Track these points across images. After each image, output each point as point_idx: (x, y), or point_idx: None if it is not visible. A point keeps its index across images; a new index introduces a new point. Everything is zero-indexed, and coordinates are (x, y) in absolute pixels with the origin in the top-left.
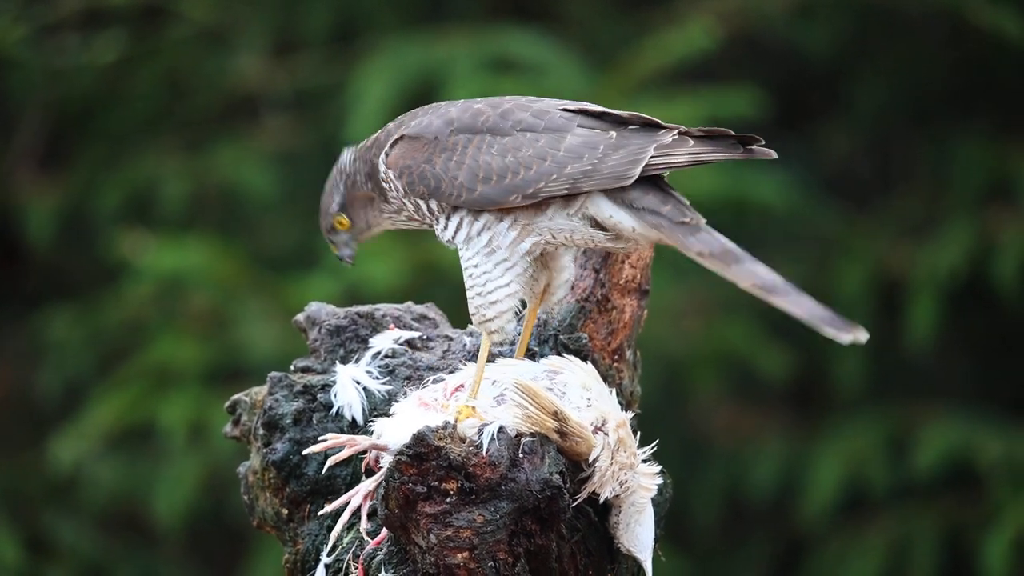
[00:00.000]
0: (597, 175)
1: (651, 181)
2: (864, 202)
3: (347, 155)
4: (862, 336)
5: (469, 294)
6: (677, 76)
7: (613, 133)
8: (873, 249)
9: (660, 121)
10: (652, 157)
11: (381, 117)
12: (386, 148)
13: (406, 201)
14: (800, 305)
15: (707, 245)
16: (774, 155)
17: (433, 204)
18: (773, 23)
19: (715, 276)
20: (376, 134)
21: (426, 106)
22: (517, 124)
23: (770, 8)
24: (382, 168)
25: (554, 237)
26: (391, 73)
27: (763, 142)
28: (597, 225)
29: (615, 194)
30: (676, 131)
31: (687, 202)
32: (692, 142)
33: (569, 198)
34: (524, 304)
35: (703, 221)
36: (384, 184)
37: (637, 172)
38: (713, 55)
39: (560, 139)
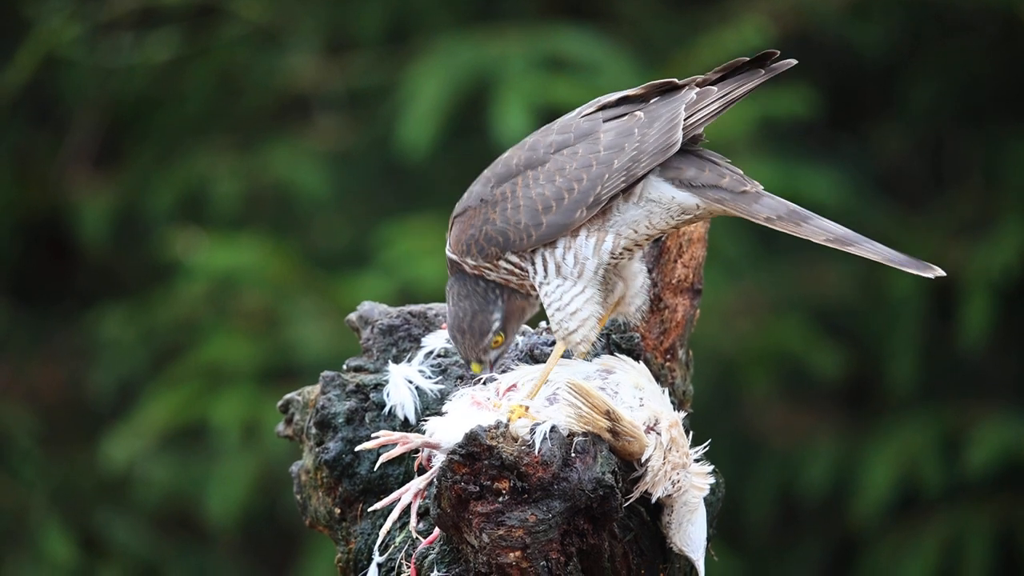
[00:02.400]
0: (645, 156)
1: (701, 157)
2: (917, 201)
3: (473, 279)
4: (939, 271)
5: (549, 311)
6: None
7: (639, 112)
8: (926, 248)
9: (675, 80)
10: (686, 117)
11: (434, 117)
12: (448, 241)
13: (504, 275)
14: (877, 251)
15: (773, 210)
16: (793, 62)
17: (514, 259)
18: (826, 22)
19: (767, 275)
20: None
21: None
22: (548, 148)
23: (823, 7)
24: (455, 258)
25: (635, 231)
26: (444, 73)
27: (777, 53)
28: (663, 207)
29: (671, 174)
30: (694, 84)
31: (741, 171)
32: (715, 89)
33: (628, 190)
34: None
35: (762, 187)
36: (487, 275)
37: (679, 136)
38: None
39: (595, 141)
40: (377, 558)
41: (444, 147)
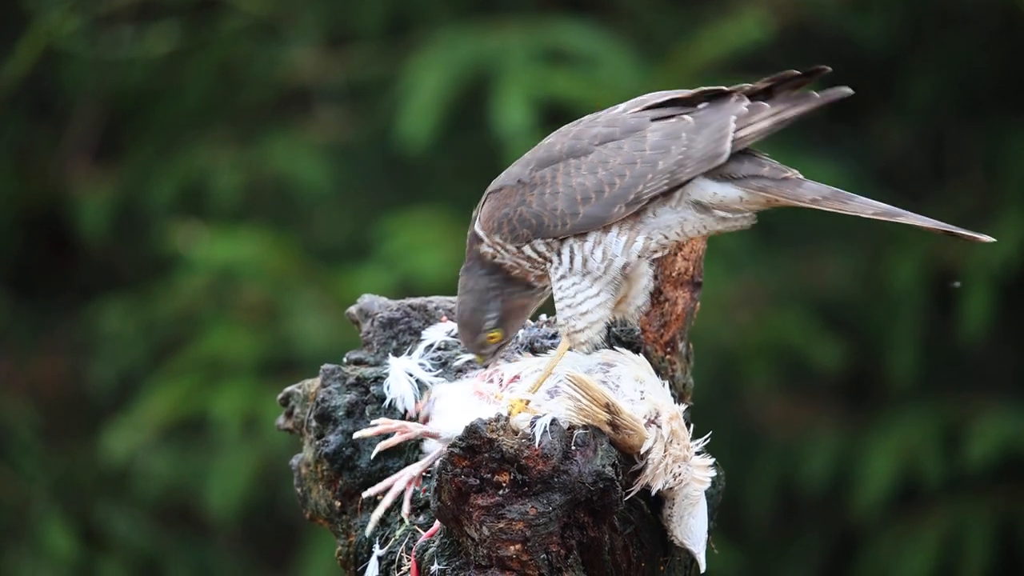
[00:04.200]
0: (691, 162)
1: (737, 151)
2: (917, 194)
3: (475, 270)
4: (990, 238)
5: (558, 306)
6: (730, 68)
7: (688, 117)
8: (926, 241)
9: (723, 87)
10: (737, 130)
11: (434, 110)
12: (478, 217)
13: (522, 262)
14: (925, 220)
15: (818, 192)
16: (849, 91)
17: (541, 246)
18: (826, 15)
19: (767, 267)
20: (469, 231)
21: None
22: (594, 139)
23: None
24: (481, 234)
25: (666, 237)
26: (444, 65)
27: (829, 70)
28: (703, 208)
29: (713, 172)
30: (742, 93)
31: (777, 162)
32: (767, 104)
33: (669, 193)
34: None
35: (799, 173)
36: (496, 259)
37: (728, 147)
38: (766, 47)
39: (641, 139)
40: (377, 551)
41: (444, 140)
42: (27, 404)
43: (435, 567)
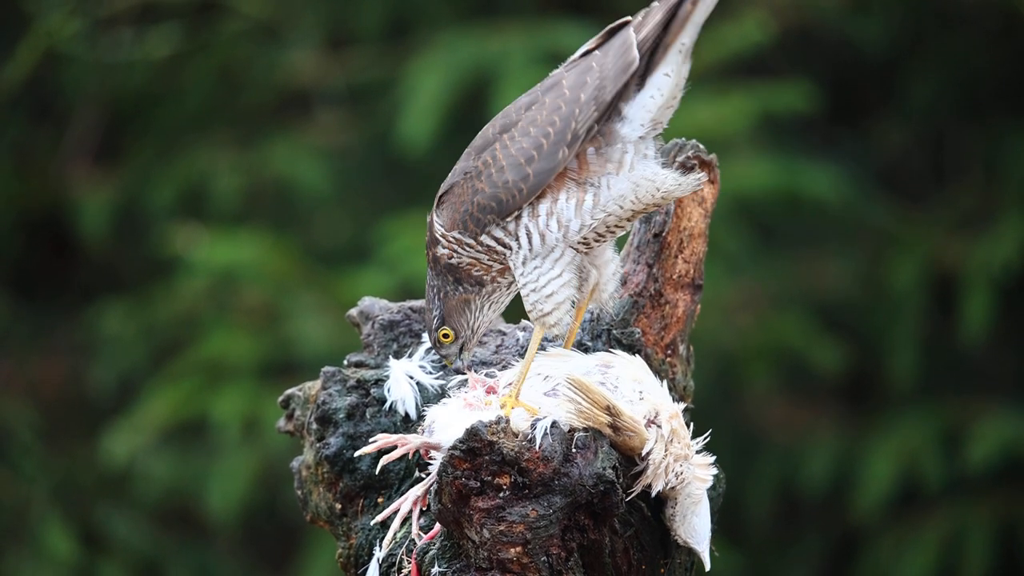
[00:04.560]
0: (608, 81)
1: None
2: (918, 196)
3: (430, 273)
4: None
5: (524, 292)
6: (731, 70)
7: (596, 51)
8: (927, 243)
9: (627, 18)
10: (638, 37)
11: (434, 112)
12: (435, 220)
13: (480, 256)
14: None
15: None
16: None
17: (499, 232)
18: (827, 16)
19: (767, 270)
20: (426, 236)
21: None
22: (519, 109)
23: (824, 1)
24: (441, 239)
25: (621, 207)
26: (445, 68)
27: None
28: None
29: (629, 92)
30: (629, 19)
31: None
32: (657, 3)
33: (607, 121)
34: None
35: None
36: (453, 259)
37: (635, 52)
38: (767, 49)
39: (559, 87)
40: (378, 553)
41: (444, 142)
42: (27, 406)
43: (436, 570)
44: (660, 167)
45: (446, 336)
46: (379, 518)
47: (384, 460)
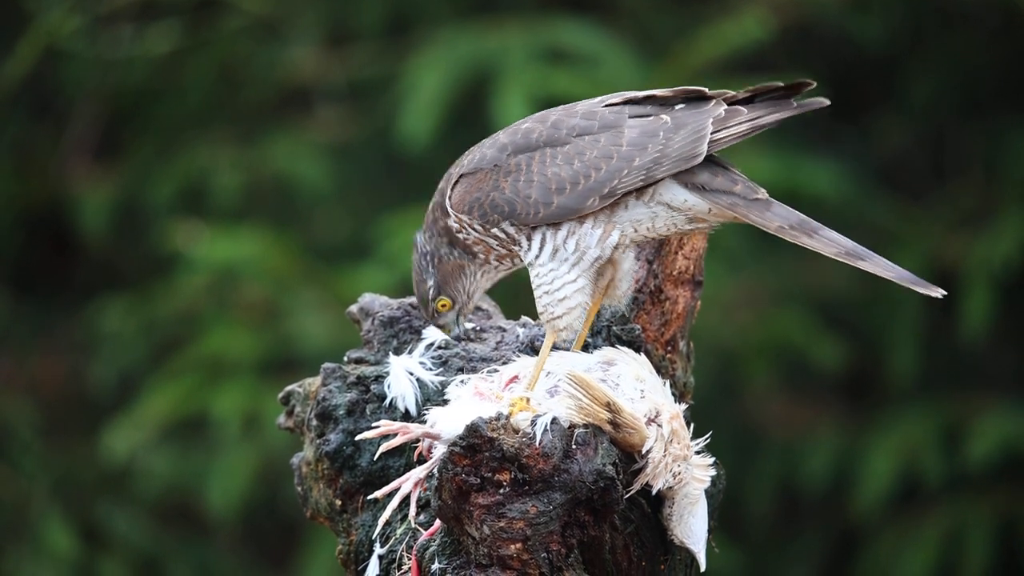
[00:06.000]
0: (667, 160)
1: (712, 161)
2: (918, 193)
3: (420, 238)
4: (940, 292)
5: (537, 293)
6: (731, 67)
7: (665, 116)
8: (927, 240)
9: (704, 90)
10: (713, 132)
11: (434, 109)
12: (448, 194)
13: (488, 240)
14: (884, 267)
15: (785, 219)
16: (826, 102)
17: (509, 228)
18: (826, 14)
19: (768, 267)
20: (433, 200)
21: (472, 147)
22: (571, 130)
23: None
24: (452, 214)
25: (636, 230)
26: (445, 65)
27: (813, 85)
28: (673, 209)
29: (685, 178)
30: (723, 100)
31: (747, 178)
32: (745, 110)
33: (642, 189)
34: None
35: (767, 193)
36: (460, 234)
37: (704, 148)
38: (767, 46)
39: (619, 134)
40: (378, 550)
41: (444, 139)
42: (27, 403)
43: (436, 566)
44: (690, 192)
45: (443, 305)
46: (378, 494)
47: (384, 447)
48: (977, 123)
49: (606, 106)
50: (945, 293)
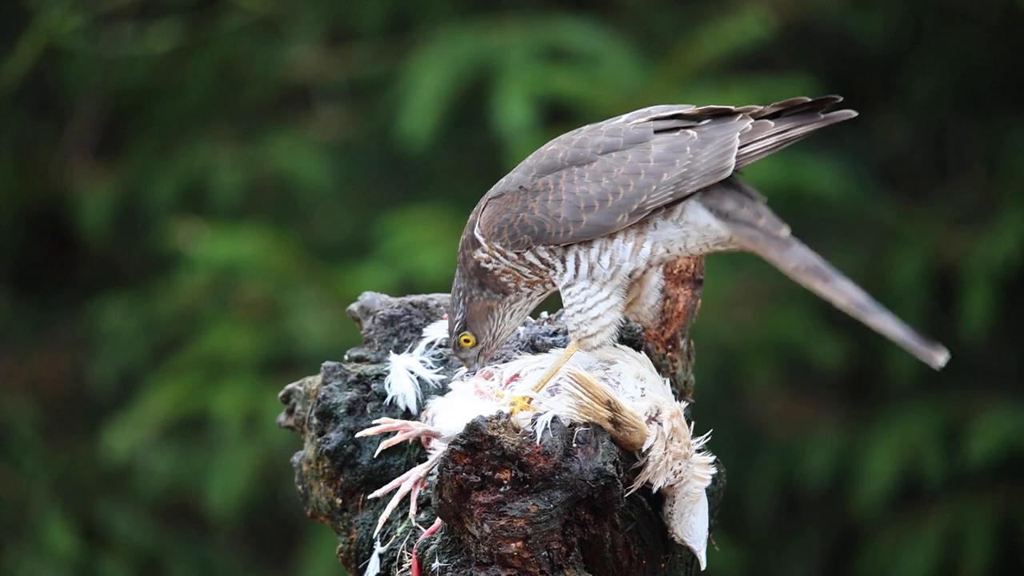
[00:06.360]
0: (695, 175)
1: (741, 191)
2: (919, 191)
3: (458, 274)
4: (943, 359)
5: (569, 312)
6: (731, 65)
7: (692, 132)
8: (928, 238)
9: (731, 108)
10: (741, 146)
11: (435, 107)
12: (477, 222)
13: (519, 267)
14: (891, 328)
15: (802, 261)
16: (853, 114)
17: (543, 251)
18: (827, 12)
19: (768, 265)
20: (462, 238)
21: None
22: (597, 148)
23: None
24: (481, 242)
25: (668, 250)
26: (445, 63)
27: (839, 99)
28: (697, 230)
29: (711, 203)
30: (749, 115)
31: (771, 212)
32: (772, 123)
33: (671, 207)
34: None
35: (789, 231)
36: (489, 265)
37: (732, 162)
38: (767, 44)
39: (645, 150)
40: (379, 548)
41: (445, 138)
42: (28, 401)
43: (436, 564)
44: (714, 218)
45: (467, 341)
46: (378, 493)
47: (384, 444)
48: (978, 121)
49: (632, 124)
50: (948, 360)
